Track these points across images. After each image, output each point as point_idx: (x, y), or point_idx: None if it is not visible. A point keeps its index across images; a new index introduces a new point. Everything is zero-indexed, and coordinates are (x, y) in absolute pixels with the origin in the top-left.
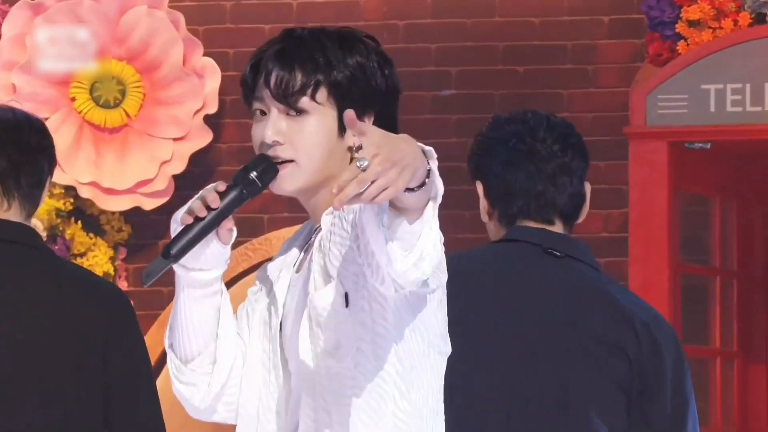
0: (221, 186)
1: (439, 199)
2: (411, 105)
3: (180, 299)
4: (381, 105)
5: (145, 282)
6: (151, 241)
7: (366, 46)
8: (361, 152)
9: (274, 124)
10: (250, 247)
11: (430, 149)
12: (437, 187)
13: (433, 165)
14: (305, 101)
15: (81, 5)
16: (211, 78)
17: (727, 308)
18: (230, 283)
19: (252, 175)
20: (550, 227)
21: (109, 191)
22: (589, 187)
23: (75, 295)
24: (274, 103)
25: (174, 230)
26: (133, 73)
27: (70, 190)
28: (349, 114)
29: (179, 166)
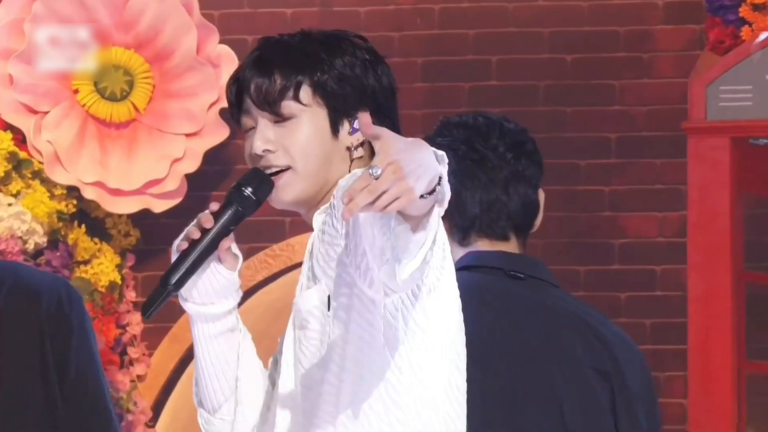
0: (215, 206)
1: (446, 204)
2: (447, 97)
3: (196, 341)
4: (375, 104)
5: (146, 315)
6: (162, 246)
7: (354, 45)
8: (374, 159)
9: (261, 133)
10: (270, 253)
11: (442, 154)
12: (445, 192)
13: (444, 171)
14: (290, 105)
15: None
16: (228, 67)
17: None
18: (249, 293)
19: (247, 191)
20: (505, 244)
21: (116, 192)
22: (542, 195)
23: None
24: (259, 113)
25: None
26: (142, 62)
27: (72, 190)
28: (365, 118)
29: (192, 164)
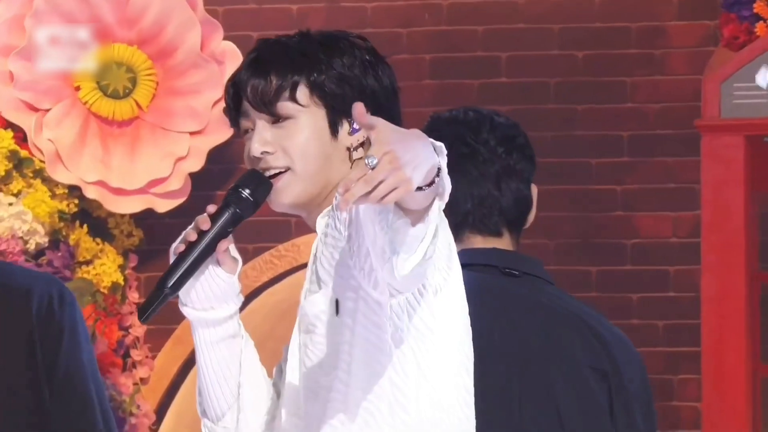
0: (212, 208)
1: (446, 198)
2: (456, 94)
3: (197, 347)
4: (375, 105)
5: (142, 319)
6: (165, 247)
7: (353, 45)
8: (370, 149)
9: (259, 135)
10: (275, 253)
11: (440, 145)
12: (445, 185)
13: (443, 162)
14: (287, 105)
15: None
16: (232, 64)
17: None
18: (254, 295)
19: (245, 193)
20: (498, 240)
21: (118, 191)
22: (536, 190)
23: None
24: (257, 115)
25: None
26: (145, 59)
27: (74, 190)
28: (358, 107)
29: (196, 163)
